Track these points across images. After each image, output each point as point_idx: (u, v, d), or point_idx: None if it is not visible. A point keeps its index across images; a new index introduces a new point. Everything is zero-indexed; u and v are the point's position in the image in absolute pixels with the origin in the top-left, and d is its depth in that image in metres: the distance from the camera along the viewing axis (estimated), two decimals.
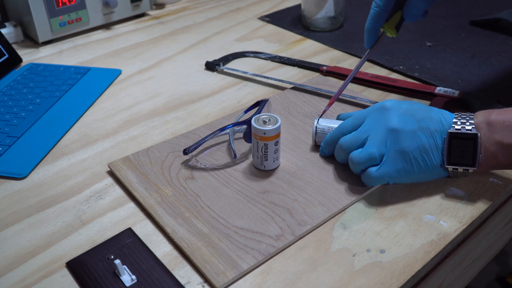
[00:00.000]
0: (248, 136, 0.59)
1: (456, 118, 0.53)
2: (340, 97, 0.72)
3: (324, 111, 0.64)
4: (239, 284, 0.45)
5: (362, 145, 0.54)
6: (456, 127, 0.52)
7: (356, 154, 0.54)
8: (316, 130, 0.60)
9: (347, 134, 0.56)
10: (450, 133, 0.52)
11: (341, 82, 0.77)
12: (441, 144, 0.52)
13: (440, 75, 0.78)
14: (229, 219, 0.51)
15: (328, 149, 0.59)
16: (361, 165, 0.54)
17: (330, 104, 0.65)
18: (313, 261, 0.47)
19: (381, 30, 0.64)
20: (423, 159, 0.52)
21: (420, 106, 0.55)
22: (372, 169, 0.53)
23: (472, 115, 0.53)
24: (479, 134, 0.51)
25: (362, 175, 0.54)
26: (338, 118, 0.63)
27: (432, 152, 0.52)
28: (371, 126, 0.54)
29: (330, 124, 0.60)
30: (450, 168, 0.53)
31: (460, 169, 0.53)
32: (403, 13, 0.63)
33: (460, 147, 0.51)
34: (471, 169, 0.52)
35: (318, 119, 0.61)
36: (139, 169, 0.59)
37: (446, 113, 0.54)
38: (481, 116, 0.52)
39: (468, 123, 0.52)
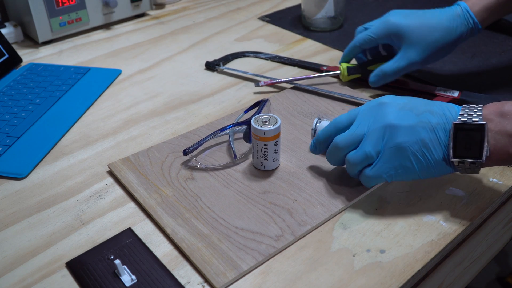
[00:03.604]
0: (248, 136, 0.59)
1: (463, 110, 0.49)
2: (340, 97, 0.72)
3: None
4: (239, 284, 0.45)
5: (357, 143, 0.51)
6: (462, 119, 0.48)
7: (351, 155, 0.51)
8: (315, 130, 0.60)
9: (341, 131, 0.53)
10: (455, 124, 0.48)
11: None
12: (444, 138, 0.49)
13: (440, 75, 0.78)
14: (229, 219, 0.51)
15: (320, 147, 0.56)
16: (357, 166, 0.51)
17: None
18: (313, 261, 0.47)
19: (368, 68, 0.71)
20: (423, 154, 0.49)
21: (420, 100, 0.52)
22: (367, 169, 0.51)
23: (480, 107, 0.49)
24: (486, 124, 0.47)
25: (360, 177, 0.53)
26: None
27: (433, 147, 0.49)
28: (367, 123, 0.51)
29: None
30: (456, 161, 0.49)
31: (467, 163, 0.48)
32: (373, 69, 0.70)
33: (466, 139, 0.48)
34: (478, 162, 0.48)
35: (318, 120, 0.60)
36: (139, 169, 0.59)
37: (452, 106, 0.51)
38: (492, 107, 0.49)
39: (475, 115, 0.48)
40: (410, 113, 0.50)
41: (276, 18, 1.03)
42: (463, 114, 0.49)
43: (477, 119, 0.48)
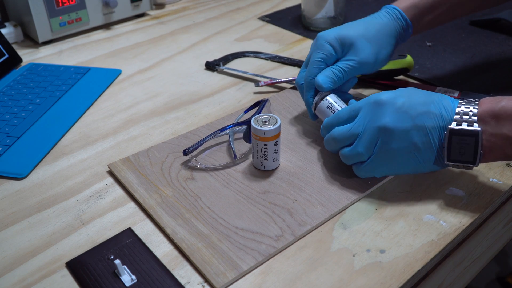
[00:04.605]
0: (247, 136, 0.59)
1: (458, 108, 0.49)
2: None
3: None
4: (239, 284, 0.45)
5: (353, 139, 0.53)
6: (458, 118, 0.49)
7: (345, 151, 0.54)
8: (316, 104, 0.60)
9: (342, 123, 0.55)
10: (451, 129, 0.49)
11: None
12: (438, 141, 0.50)
13: (440, 75, 0.78)
14: (229, 219, 0.51)
15: (323, 133, 0.58)
16: (349, 160, 0.54)
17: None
18: (313, 261, 0.47)
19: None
20: (414, 157, 0.51)
21: (419, 98, 0.51)
22: (359, 165, 0.54)
23: (477, 104, 0.49)
24: (480, 132, 0.48)
25: (352, 168, 0.56)
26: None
27: (425, 150, 0.50)
28: (364, 122, 0.52)
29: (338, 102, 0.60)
30: (450, 164, 0.50)
31: (461, 165, 0.50)
32: None
33: (461, 144, 0.48)
34: (472, 166, 0.50)
35: (321, 95, 0.60)
36: (139, 169, 0.59)
37: (449, 104, 0.50)
38: (487, 105, 0.49)
39: (471, 113, 0.48)
40: (406, 115, 0.50)
41: (276, 18, 1.03)
42: (459, 112, 0.49)
43: (472, 120, 0.48)
